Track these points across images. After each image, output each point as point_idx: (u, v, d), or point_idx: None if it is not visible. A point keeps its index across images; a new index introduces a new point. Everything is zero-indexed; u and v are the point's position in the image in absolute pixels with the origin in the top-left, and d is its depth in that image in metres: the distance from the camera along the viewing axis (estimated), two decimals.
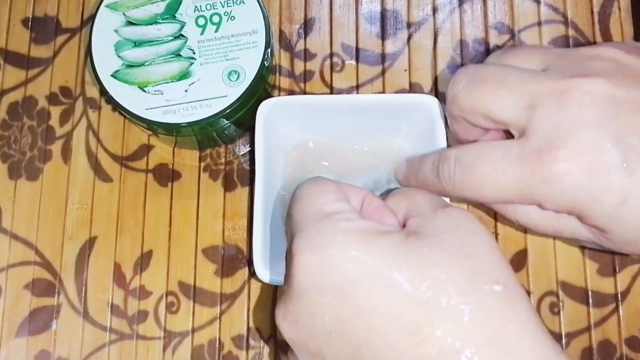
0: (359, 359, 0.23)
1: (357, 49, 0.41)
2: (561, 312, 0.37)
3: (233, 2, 0.36)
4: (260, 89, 0.37)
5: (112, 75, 0.36)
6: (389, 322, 0.22)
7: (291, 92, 0.41)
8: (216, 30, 0.36)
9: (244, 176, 0.40)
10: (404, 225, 0.27)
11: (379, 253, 0.23)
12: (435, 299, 0.22)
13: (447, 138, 0.34)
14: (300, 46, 0.41)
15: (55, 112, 0.41)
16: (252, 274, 0.38)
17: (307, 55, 0.41)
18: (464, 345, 0.22)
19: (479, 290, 0.23)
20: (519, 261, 0.38)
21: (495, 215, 0.38)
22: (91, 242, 0.39)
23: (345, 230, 0.24)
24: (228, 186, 0.40)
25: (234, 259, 0.39)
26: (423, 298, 0.22)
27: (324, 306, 0.23)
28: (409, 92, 0.40)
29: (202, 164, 0.40)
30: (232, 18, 0.36)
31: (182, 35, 0.36)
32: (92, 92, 0.41)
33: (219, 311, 0.38)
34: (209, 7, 0.36)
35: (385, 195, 0.32)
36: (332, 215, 0.25)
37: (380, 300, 0.23)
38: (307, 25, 0.42)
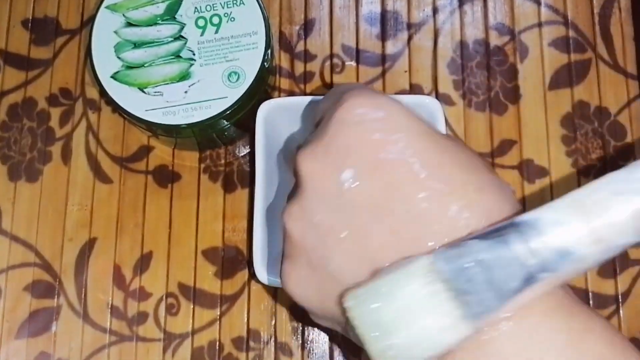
0: (386, 203, 0.23)
1: (358, 50, 0.41)
2: None
3: (233, 3, 0.36)
4: (260, 90, 0.37)
5: (112, 77, 0.36)
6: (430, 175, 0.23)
7: (291, 93, 0.41)
8: (216, 32, 0.36)
9: (244, 177, 0.40)
10: None
11: (421, 123, 0.24)
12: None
13: None
14: (300, 47, 0.41)
15: (55, 113, 0.41)
16: (252, 275, 0.38)
17: (307, 56, 0.41)
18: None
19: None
20: None
21: None
22: (91, 243, 0.39)
23: (394, 98, 0.25)
24: (228, 188, 0.40)
25: (234, 260, 0.38)
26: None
27: (367, 141, 0.23)
28: (410, 93, 0.40)
29: (202, 166, 0.40)
30: (232, 19, 0.36)
31: (182, 37, 0.36)
32: (92, 93, 0.41)
33: (219, 313, 0.38)
34: (208, 8, 0.36)
35: None
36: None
37: (416, 151, 0.23)
38: (307, 26, 0.42)
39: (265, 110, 0.35)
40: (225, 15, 0.36)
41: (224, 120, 0.36)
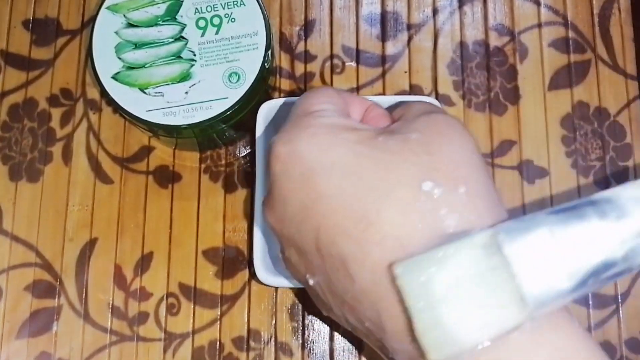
0: (319, 244, 0.24)
1: (358, 51, 0.41)
2: None
3: (233, 4, 0.36)
4: (261, 90, 0.37)
5: (112, 77, 0.36)
6: (342, 207, 0.24)
7: (291, 94, 0.41)
8: (217, 32, 0.36)
9: (244, 178, 0.40)
10: None
11: (341, 145, 0.25)
12: (385, 190, 0.23)
13: None
14: (300, 48, 0.41)
15: (56, 113, 0.41)
16: (253, 275, 0.38)
17: (307, 57, 0.41)
18: (406, 233, 0.23)
19: (430, 186, 0.23)
20: None
21: None
22: (92, 243, 0.39)
23: (317, 124, 0.26)
24: (228, 188, 0.40)
25: (234, 260, 0.39)
26: (374, 187, 0.24)
27: (292, 192, 0.25)
28: (409, 94, 0.40)
29: (203, 166, 0.40)
30: (233, 20, 0.36)
31: (182, 37, 0.36)
32: (93, 93, 0.41)
33: (219, 313, 0.38)
34: (209, 8, 0.36)
35: None
36: (312, 113, 0.27)
37: (336, 188, 0.24)
38: (307, 27, 0.42)
39: (265, 110, 0.35)
40: (226, 16, 0.36)
41: (225, 121, 0.36)
